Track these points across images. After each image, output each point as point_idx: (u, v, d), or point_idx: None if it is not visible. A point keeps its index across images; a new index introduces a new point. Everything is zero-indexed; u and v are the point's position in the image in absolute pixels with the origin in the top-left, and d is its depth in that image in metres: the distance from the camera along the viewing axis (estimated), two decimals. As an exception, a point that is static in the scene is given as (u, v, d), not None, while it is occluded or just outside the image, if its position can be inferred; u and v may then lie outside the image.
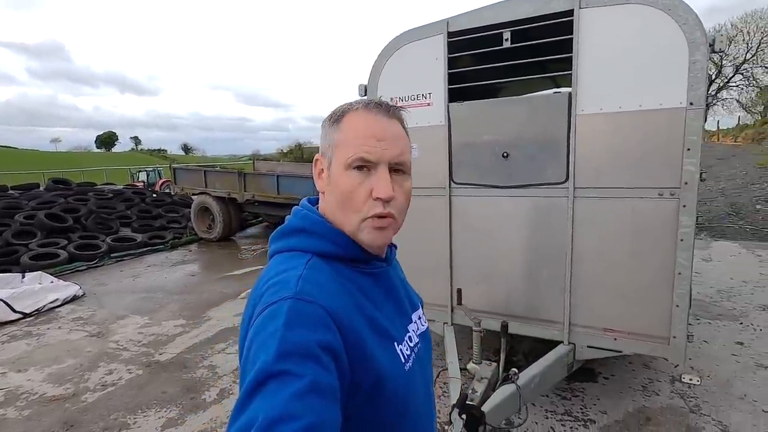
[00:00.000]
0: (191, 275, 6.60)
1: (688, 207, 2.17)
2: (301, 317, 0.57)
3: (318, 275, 0.65)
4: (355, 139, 0.68)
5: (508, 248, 2.69)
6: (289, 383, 0.50)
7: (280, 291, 0.61)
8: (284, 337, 0.54)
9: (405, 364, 0.70)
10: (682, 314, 2.26)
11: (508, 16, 2.44)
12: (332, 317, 0.59)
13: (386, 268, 0.78)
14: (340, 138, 0.70)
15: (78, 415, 3.00)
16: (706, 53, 2.04)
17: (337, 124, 0.71)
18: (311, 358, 0.53)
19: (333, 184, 0.71)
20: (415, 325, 0.81)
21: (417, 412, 0.73)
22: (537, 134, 2.49)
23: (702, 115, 2.09)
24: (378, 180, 0.68)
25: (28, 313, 4.96)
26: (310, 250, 0.70)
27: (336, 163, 0.70)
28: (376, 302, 0.71)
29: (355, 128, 0.70)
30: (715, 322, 3.92)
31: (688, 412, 2.70)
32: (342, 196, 0.69)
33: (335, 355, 0.57)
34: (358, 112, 0.71)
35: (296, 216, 0.76)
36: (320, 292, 0.62)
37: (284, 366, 0.52)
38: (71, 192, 10.01)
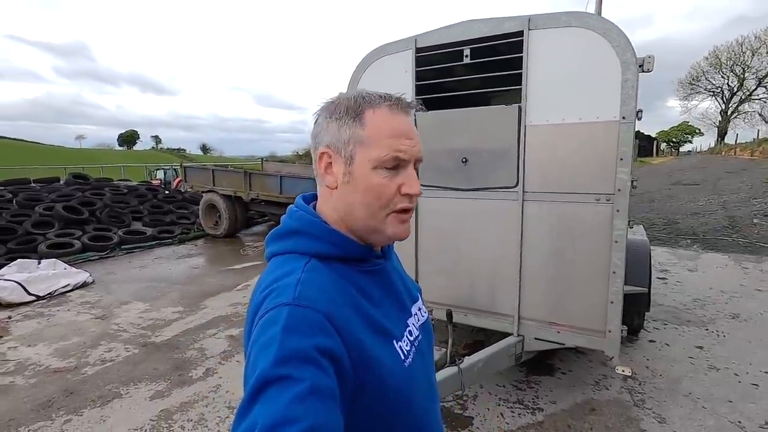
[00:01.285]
0: (194, 268, 6.95)
1: (621, 211, 2.38)
2: (300, 323, 0.58)
3: (316, 279, 0.65)
4: (387, 138, 0.68)
5: (467, 246, 2.92)
6: (289, 388, 0.51)
7: (278, 297, 0.62)
8: (283, 342, 0.55)
9: (405, 361, 0.71)
10: (617, 310, 2.46)
11: (468, 35, 2.70)
12: (331, 321, 0.60)
13: (384, 264, 0.78)
14: (365, 135, 0.69)
15: (78, 384, 3.33)
16: (636, 72, 2.26)
17: (358, 121, 0.69)
18: (310, 362, 0.54)
19: (357, 181, 0.70)
20: (415, 318, 0.81)
21: (420, 405, 0.73)
22: (492, 142, 2.73)
23: (632, 127, 2.30)
24: (408, 177, 0.70)
25: (41, 296, 5.36)
26: (308, 252, 0.70)
27: (362, 161, 0.69)
28: (375, 301, 0.72)
29: (384, 127, 0.69)
30: (682, 328, 4.07)
31: (632, 405, 2.89)
32: (371, 194, 0.69)
33: (335, 358, 0.58)
34: (383, 110, 0.69)
35: (291, 217, 0.75)
36: (319, 297, 0.62)
37: (283, 371, 0.53)
38: (88, 186, 10.54)
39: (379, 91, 0.73)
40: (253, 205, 9.17)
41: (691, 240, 7.73)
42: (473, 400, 3.00)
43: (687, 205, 10.87)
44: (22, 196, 9.03)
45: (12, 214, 8.17)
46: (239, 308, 4.94)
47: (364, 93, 0.72)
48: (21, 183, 10.39)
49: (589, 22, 2.34)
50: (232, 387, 3.24)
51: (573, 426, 2.69)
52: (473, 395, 3.05)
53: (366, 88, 2.68)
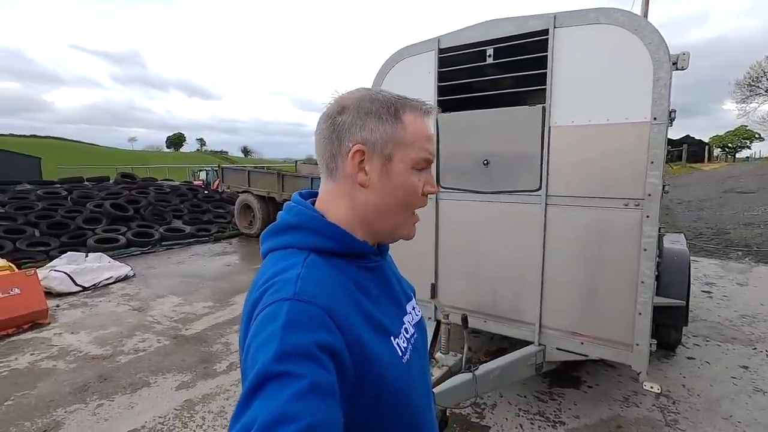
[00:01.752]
0: (227, 265, 7.20)
1: (651, 217, 2.25)
2: (300, 318, 0.57)
3: (317, 274, 0.65)
4: (422, 141, 0.71)
5: (487, 250, 2.85)
6: (288, 384, 0.51)
7: (279, 291, 0.61)
8: (283, 338, 0.54)
9: (402, 357, 0.70)
10: (645, 322, 2.32)
11: (491, 34, 2.64)
12: (331, 317, 0.60)
13: (381, 262, 0.78)
14: (404, 136, 0.69)
15: (112, 371, 3.52)
16: (669, 71, 2.13)
17: (397, 121, 0.69)
18: (310, 359, 0.54)
19: (394, 180, 0.70)
20: (410, 316, 0.81)
21: (417, 402, 0.73)
22: (515, 144, 2.65)
23: (665, 129, 2.17)
24: (430, 178, 0.74)
25: (87, 287, 5.72)
26: (307, 247, 0.69)
27: (400, 161, 0.70)
28: (372, 297, 0.71)
29: (421, 130, 0.71)
30: (726, 345, 3.78)
31: (664, 425, 2.71)
32: (406, 193, 0.71)
33: (335, 355, 0.57)
34: (419, 113, 0.71)
35: (290, 212, 0.74)
36: (319, 292, 0.62)
37: (283, 367, 0.52)
38: (135, 185, 11.17)
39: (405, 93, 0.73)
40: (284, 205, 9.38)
41: (742, 252, 7.18)
42: (491, 408, 2.92)
43: (740, 215, 10.11)
44: (75, 193, 9.70)
45: (66, 210, 8.79)
46: (266, 306, 5.06)
47: (393, 94, 0.72)
48: (75, 181, 11.16)
49: (619, 19, 2.23)
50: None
51: (596, 443, 2.56)
52: (492, 404, 2.96)
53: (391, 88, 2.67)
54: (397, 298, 0.80)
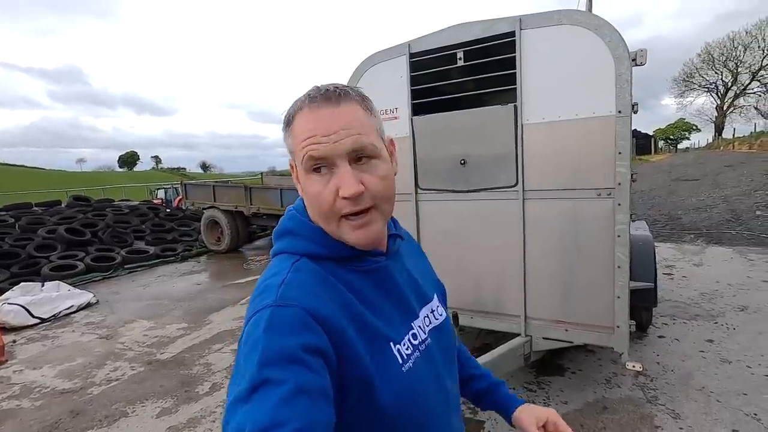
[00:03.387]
0: (197, 284, 6.94)
1: (622, 205, 2.38)
2: (281, 323, 0.57)
3: (301, 277, 0.64)
4: (303, 140, 0.64)
5: (470, 247, 2.91)
6: (273, 390, 0.50)
7: (263, 299, 0.62)
8: (265, 345, 0.54)
9: (403, 365, 0.68)
10: (624, 305, 2.44)
11: (460, 38, 2.72)
12: (315, 318, 0.59)
13: (385, 264, 0.74)
14: (292, 143, 0.67)
15: (84, 405, 3.30)
16: (629, 66, 2.27)
17: (289, 129, 0.67)
18: (295, 362, 0.53)
19: (303, 190, 0.69)
20: (424, 320, 0.78)
21: (425, 408, 0.70)
22: (490, 143, 2.74)
23: (629, 121, 2.31)
24: (341, 178, 0.63)
25: (46, 319, 5.34)
26: (298, 252, 0.70)
27: (298, 169, 0.68)
28: (368, 302, 0.69)
29: (303, 129, 0.64)
30: (691, 322, 4.03)
31: (645, 402, 2.84)
32: (311, 202, 0.68)
33: (322, 354, 0.57)
34: (303, 111, 0.65)
35: (286, 217, 0.76)
36: (302, 295, 0.61)
37: (267, 374, 0.52)
38: (90, 208, 10.58)
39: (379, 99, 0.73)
40: (254, 219, 9.18)
41: (694, 235, 7.70)
42: (483, 403, 2.96)
43: (689, 201, 10.85)
44: (24, 220, 9.06)
45: (15, 238, 8.19)
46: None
47: (303, 94, 0.68)
48: (23, 207, 10.43)
49: (580, 20, 2.37)
50: (240, 401, 3.20)
51: (586, 425, 2.65)
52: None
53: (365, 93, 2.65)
54: (405, 302, 0.76)
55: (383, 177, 0.67)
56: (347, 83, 3.24)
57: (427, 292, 0.83)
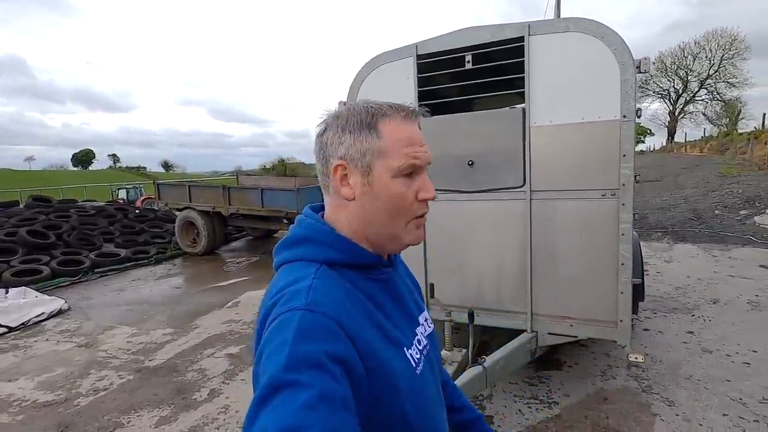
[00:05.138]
0: (176, 288, 6.69)
1: (626, 205, 2.50)
2: (311, 328, 0.58)
3: (328, 285, 0.66)
4: (403, 147, 0.70)
5: (476, 247, 2.97)
6: (298, 394, 0.51)
7: (290, 301, 0.62)
8: (294, 347, 0.55)
9: (416, 368, 0.71)
10: (627, 300, 2.57)
11: (469, 41, 2.78)
12: (343, 328, 0.60)
13: (392, 273, 0.79)
14: (383, 145, 0.70)
15: (72, 417, 3.12)
16: (634, 73, 2.40)
17: (373, 131, 0.70)
18: (320, 369, 0.54)
19: (378, 191, 0.70)
20: (422, 328, 0.81)
21: (432, 413, 0.74)
22: (497, 144, 2.81)
23: (633, 125, 2.43)
24: (424, 183, 0.72)
25: (14, 327, 5.00)
26: (318, 260, 0.70)
27: (381, 170, 0.70)
28: (384, 309, 0.72)
29: (399, 136, 0.70)
30: (671, 315, 4.28)
31: (641, 391, 3.00)
32: (392, 202, 0.71)
33: (347, 365, 0.57)
34: (395, 119, 0.71)
35: (301, 225, 0.76)
36: (330, 303, 0.62)
37: (293, 376, 0.52)
38: (52, 209, 9.96)
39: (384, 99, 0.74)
40: (231, 220, 8.95)
41: (661, 233, 8.16)
42: (489, 399, 3.03)
43: (653, 200, 11.49)
44: (-21, 222, 8.43)
45: (-31, 242, 7.61)
46: (234, 326, 4.79)
47: (372, 104, 0.72)
48: (-24, 209, 9.69)
49: (587, 27, 2.47)
50: (242, 406, 3.13)
51: (590, 416, 2.76)
52: (487, 394, 3.08)
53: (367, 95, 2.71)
54: (408, 309, 0.80)
55: None
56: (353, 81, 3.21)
57: (420, 302, 0.88)
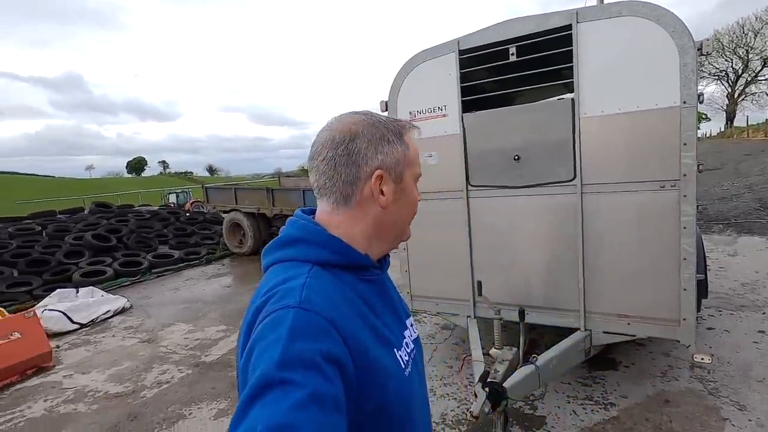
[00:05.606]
0: (226, 287, 6.99)
1: (688, 197, 2.36)
2: (305, 327, 0.57)
3: (321, 284, 0.65)
4: (418, 157, 0.79)
5: (524, 243, 2.90)
6: (290, 393, 0.50)
7: (283, 299, 0.61)
8: (287, 345, 0.54)
9: (405, 370, 0.72)
10: (690, 297, 2.43)
11: (513, 33, 2.71)
12: (336, 327, 0.60)
13: (382, 275, 0.80)
14: (410, 155, 0.76)
15: (140, 408, 3.35)
16: (695, 56, 2.25)
17: (402, 142, 0.75)
18: (314, 369, 0.53)
19: (407, 197, 0.76)
20: (409, 332, 0.82)
21: (418, 414, 0.74)
22: (545, 137, 2.72)
23: (695, 112, 2.28)
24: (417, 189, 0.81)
25: (85, 324, 5.42)
26: (310, 260, 0.70)
27: (409, 177, 0.76)
28: (375, 309, 0.72)
29: (417, 147, 0.79)
30: (738, 313, 3.98)
31: (707, 394, 2.82)
32: (413, 206, 0.79)
33: (340, 365, 0.57)
34: (412, 132, 0.79)
35: (293, 226, 0.76)
36: (324, 302, 0.62)
37: (286, 374, 0.52)
38: (113, 214, 10.70)
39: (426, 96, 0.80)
40: (275, 220, 9.23)
41: (723, 225, 7.60)
42: (541, 399, 2.96)
43: (712, 190, 10.71)
44: (51, 227, 9.19)
45: (43, 245, 8.32)
46: (282, 323, 4.95)
47: (388, 117, 0.77)
48: (47, 215, 10.58)
49: (641, 10, 2.34)
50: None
51: (650, 419, 2.63)
52: (539, 394, 3.00)
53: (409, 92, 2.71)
54: (397, 312, 0.81)
55: None
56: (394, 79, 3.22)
57: (405, 306, 0.88)
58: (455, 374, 3.38)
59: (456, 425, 2.77)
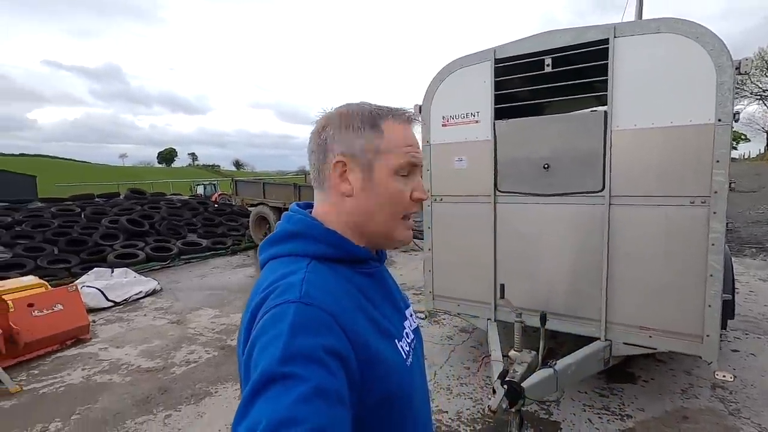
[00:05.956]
0: (250, 276, 7.22)
1: (718, 214, 2.37)
2: (307, 321, 0.58)
3: (320, 279, 0.66)
4: (403, 147, 0.73)
5: (548, 251, 2.95)
6: (293, 387, 0.50)
7: (284, 294, 0.61)
8: (289, 340, 0.54)
9: (406, 360, 0.72)
10: (715, 314, 2.43)
11: (549, 44, 2.78)
12: (337, 321, 0.60)
13: (380, 267, 0.80)
14: (384, 144, 0.72)
15: (169, 383, 3.54)
16: (732, 75, 2.27)
17: (376, 130, 0.72)
18: (316, 362, 0.54)
19: (377, 188, 0.72)
20: (408, 322, 0.83)
21: (419, 404, 0.75)
22: (575, 148, 2.78)
23: (729, 130, 2.30)
24: (418, 184, 0.76)
25: (118, 302, 5.72)
26: (308, 254, 0.70)
27: (382, 168, 0.72)
28: (375, 302, 0.73)
29: (401, 137, 0.73)
30: (765, 338, 3.90)
31: (727, 414, 2.80)
32: (390, 199, 0.73)
33: (342, 359, 0.57)
34: (397, 121, 0.74)
35: (290, 221, 0.76)
36: (324, 296, 0.62)
37: (288, 369, 0.52)
38: (146, 201, 11.16)
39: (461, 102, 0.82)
40: (300, 216, 9.47)
41: (756, 249, 7.38)
42: (556, 405, 2.99)
43: (746, 213, 10.37)
44: (89, 210, 9.67)
45: (82, 226, 8.77)
46: (304, 315, 5.10)
47: (373, 105, 0.75)
48: (86, 198, 11.12)
49: (681, 28, 2.38)
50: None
51: (667, 433, 2.64)
52: (556, 399, 3.04)
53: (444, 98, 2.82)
54: (397, 303, 0.82)
55: None
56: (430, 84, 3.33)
57: (404, 297, 0.90)
58: (472, 375, 3.44)
59: (471, 423, 2.84)
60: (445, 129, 3.26)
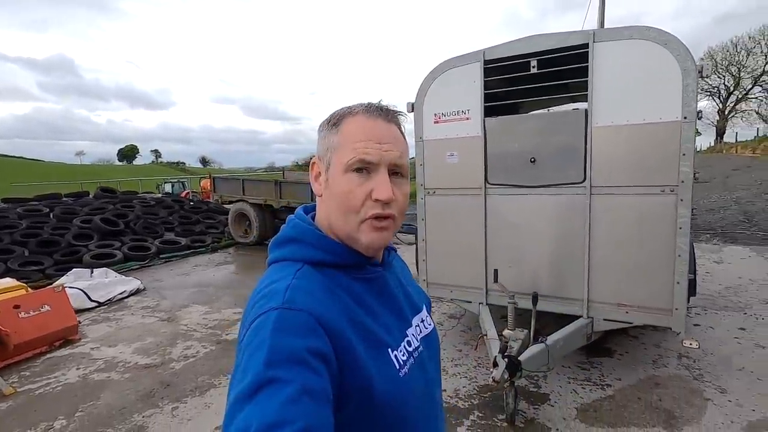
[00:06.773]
0: (234, 273, 7.23)
1: (684, 201, 2.68)
2: (288, 325, 0.58)
3: (307, 284, 0.66)
4: (355, 142, 0.69)
5: (535, 238, 3.21)
6: (280, 389, 0.51)
7: (268, 302, 0.62)
8: (272, 345, 0.55)
9: (400, 371, 0.70)
10: (682, 290, 2.75)
11: (534, 48, 3.02)
12: (320, 323, 0.61)
13: (382, 273, 0.78)
14: (339, 141, 0.70)
15: (170, 378, 3.59)
16: (696, 78, 2.57)
17: (336, 128, 0.72)
18: (300, 364, 0.54)
19: (331, 186, 0.71)
20: (416, 329, 0.81)
21: (416, 415, 0.73)
22: (559, 143, 3.03)
23: (693, 126, 2.61)
24: (379, 183, 0.68)
25: (102, 302, 5.63)
26: (302, 259, 0.71)
27: (335, 165, 0.71)
28: (369, 309, 0.72)
29: (356, 131, 0.70)
30: (721, 312, 4.35)
31: (692, 379, 3.16)
32: (340, 198, 0.70)
33: (325, 359, 0.58)
34: (358, 116, 0.71)
35: (289, 225, 0.77)
36: (308, 300, 0.63)
37: (274, 373, 0.53)
38: (117, 199, 10.83)
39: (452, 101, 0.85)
40: (281, 212, 9.47)
41: (710, 234, 8.03)
42: (544, 379, 3.27)
43: (701, 202, 11.20)
44: (58, 210, 9.31)
45: (52, 227, 8.45)
46: (296, 308, 5.20)
47: (355, 104, 0.74)
48: (53, 198, 10.68)
49: (651, 35, 2.66)
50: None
51: (642, 398, 2.95)
52: (542, 375, 3.31)
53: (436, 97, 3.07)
54: (400, 310, 0.79)
55: (406, 195, 0.73)
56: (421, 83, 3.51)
57: (416, 302, 0.87)
58: (465, 356, 3.68)
59: (468, 398, 3.07)
60: (438, 126, 3.46)
